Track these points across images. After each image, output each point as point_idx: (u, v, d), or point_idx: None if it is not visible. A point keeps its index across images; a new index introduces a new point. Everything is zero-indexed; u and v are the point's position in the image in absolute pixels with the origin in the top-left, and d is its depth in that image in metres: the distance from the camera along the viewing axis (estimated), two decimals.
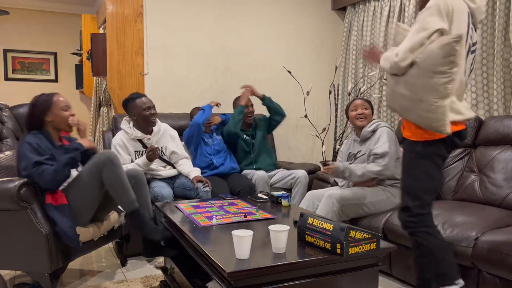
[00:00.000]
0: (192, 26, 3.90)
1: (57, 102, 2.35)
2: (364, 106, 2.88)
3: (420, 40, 1.78)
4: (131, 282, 2.52)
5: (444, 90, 1.75)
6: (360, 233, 1.68)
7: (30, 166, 2.19)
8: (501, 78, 2.91)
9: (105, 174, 2.30)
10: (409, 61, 1.80)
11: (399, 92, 1.89)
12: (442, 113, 1.77)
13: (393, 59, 1.84)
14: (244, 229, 1.64)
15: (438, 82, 1.75)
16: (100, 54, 3.77)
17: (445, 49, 1.72)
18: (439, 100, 1.76)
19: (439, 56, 1.73)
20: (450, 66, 1.73)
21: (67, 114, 2.37)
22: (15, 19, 5.56)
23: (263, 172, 3.30)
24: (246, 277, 1.49)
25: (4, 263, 2.27)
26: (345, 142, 3.07)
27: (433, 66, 1.75)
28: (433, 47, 1.75)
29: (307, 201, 2.82)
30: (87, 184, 2.32)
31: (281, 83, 4.27)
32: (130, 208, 2.38)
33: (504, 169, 2.57)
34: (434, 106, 1.77)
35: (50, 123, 2.36)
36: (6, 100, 3.20)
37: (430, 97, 1.77)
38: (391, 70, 1.89)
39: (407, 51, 1.80)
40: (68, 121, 2.37)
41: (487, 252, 2.01)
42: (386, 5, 3.84)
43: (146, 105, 3.00)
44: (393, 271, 2.57)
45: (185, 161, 3.19)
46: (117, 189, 2.34)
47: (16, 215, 2.17)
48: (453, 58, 1.72)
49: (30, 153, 2.21)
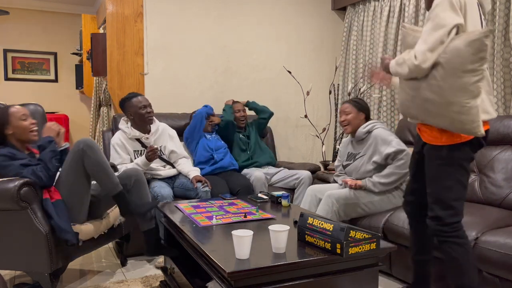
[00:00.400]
0: (192, 26, 3.90)
1: (14, 113, 2.31)
2: (346, 112, 2.84)
3: (439, 38, 1.67)
4: (131, 282, 2.53)
5: (476, 89, 1.65)
6: (360, 233, 1.68)
7: (19, 170, 2.19)
8: (501, 78, 2.91)
9: (86, 161, 2.29)
10: (431, 62, 1.69)
11: (421, 97, 1.76)
12: (475, 114, 1.67)
13: (412, 62, 1.72)
14: (244, 229, 1.64)
15: (469, 81, 1.64)
16: (100, 54, 3.77)
17: (475, 45, 1.61)
18: (471, 101, 1.66)
19: (468, 53, 1.62)
20: (480, 63, 1.63)
21: (26, 123, 2.33)
22: (15, 19, 5.56)
23: (260, 173, 3.30)
24: (246, 277, 1.49)
25: (4, 263, 2.27)
26: (343, 141, 3.07)
27: (462, 64, 1.64)
28: (458, 45, 1.64)
29: (309, 196, 2.83)
30: (73, 177, 2.31)
31: (281, 83, 4.27)
32: (114, 191, 2.38)
33: (504, 169, 2.57)
34: (467, 107, 1.66)
35: (12, 136, 2.32)
36: (6, 100, 3.19)
37: (461, 98, 1.66)
38: (411, 74, 1.76)
39: (427, 52, 1.69)
40: (29, 131, 2.33)
41: (487, 252, 2.01)
42: (386, 5, 3.84)
43: (142, 104, 3.01)
44: (393, 271, 2.57)
45: (184, 161, 3.19)
46: (99, 174, 2.33)
47: (16, 215, 2.17)
48: (484, 54, 1.62)
49: (10, 161, 2.20)
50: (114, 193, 2.38)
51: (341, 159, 3.01)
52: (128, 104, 3.03)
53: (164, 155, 3.16)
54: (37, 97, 5.36)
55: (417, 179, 2.06)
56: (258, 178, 3.25)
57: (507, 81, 2.92)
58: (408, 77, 1.81)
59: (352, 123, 2.83)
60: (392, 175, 2.64)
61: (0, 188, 2.12)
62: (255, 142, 3.69)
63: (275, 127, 4.24)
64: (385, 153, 2.66)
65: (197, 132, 3.36)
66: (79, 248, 2.34)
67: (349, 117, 2.82)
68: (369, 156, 2.75)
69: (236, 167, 3.50)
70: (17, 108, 2.34)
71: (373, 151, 2.73)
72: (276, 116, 4.28)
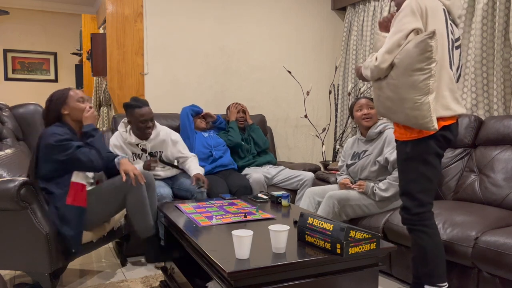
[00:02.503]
0: (192, 26, 3.90)
1: (72, 95, 2.42)
2: (369, 106, 2.84)
3: (397, 41, 1.82)
4: (131, 282, 2.52)
5: (425, 87, 1.79)
6: (360, 233, 1.68)
7: (72, 149, 2.26)
8: (501, 78, 2.91)
9: (129, 197, 2.37)
10: (388, 63, 1.84)
11: (384, 95, 1.92)
12: (427, 110, 1.80)
13: (373, 63, 1.88)
14: (244, 229, 1.64)
15: (418, 79, 1.78)
16: (100, 54, 3.77)
17: (421, 46, 1.75)
18: (422, 97, 1.79)
19: (416, 53, 1.76)
20: (427, 62, 1.76)
21: (83, 106, 2.43)
22: (15, 19, 5.56)
23: (260, 175, 3.30)
24: (246, 277, 1.49)
25: (4, 263, 2.27)
26: (348, 141, 3.05)
27: (411, 64, 1.78)
28: (408, 46, 1.79)
29: (307, 198, 2.83)
30: (108, 200, 2.39)
31: (281, 83, 4.27)
32: (146, 234, 2.42)
33: (504, 169, 2.57)
34: (418, 103, 1.80)
35: (68, 116, 2.41)
36: (6, 100, 3.20)
37: (413, 95, 1.81)
38: (373, 75, 1.92)
39: (385, 54, 1.84)
40: (85, 112, 2.42)
41: (487, 252, 2.01)
42: (386, 5, 3.84)
43: (144, 118, 2.93)
44: (393, 271, 2.57)
45: (192, 159, 3.16)
46: (136, 215, 2.39)
47: (16, 215, 2.17)
48: (429, 54, 1.75)
49: (66, 139, 2.27)
50: (146, 235, 2.42)
51: (345, 160, 3.01)
52: (130, 112, 2.97)
53: (163, 158, 3.14)
54: (37, 97, 5.34)
55: None
56: (257, 181, 3.25)
57: (507, 81, 2.92)
58: (373, 79, 1.95)
59: (373, 118, 2.85)
60: (390, 188, 2.64)
61: (0, 188, 2.12)
62: (253, 147, 3.69)
63: (275, 127, 4.24)
64: (387, 158, 2.67)
65: (188, 130, 3.37)
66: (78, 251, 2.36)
67: (373, 112, 2.84)
68: (375, 155, 2.75)
69: (235, 166, 3.51)
70: (76, 91, 2.46)
71: (380, 151, 2.74)
72: (276, 116, 4.29)
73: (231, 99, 4.00)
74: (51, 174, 2.28)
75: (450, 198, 2.80)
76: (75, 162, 2.28)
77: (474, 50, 3.01)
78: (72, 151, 2.26)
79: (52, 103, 2.39)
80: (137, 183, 2.37)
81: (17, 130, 2.83)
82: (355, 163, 2.86)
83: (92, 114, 2.44)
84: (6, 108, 2.89)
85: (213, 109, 3.79)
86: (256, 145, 3.70)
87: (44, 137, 2.29)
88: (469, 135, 2.84)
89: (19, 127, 2.85)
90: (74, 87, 5.77)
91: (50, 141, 2.24)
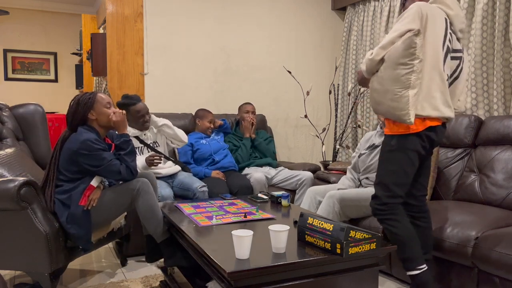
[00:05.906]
0: (192, 26, 3.90)
1: (100, 99, 2.37)
2: None
3: (391, 39, 1.93)
4: (131, 282, 2.52)
5: (407, 81, 1.88)
6: (360, 233, 1.68)
7: (105, 161, 2.25)
8: (501, 78, 2.91)
9: (139, 202, 2.34)
10: (380, 56, 1.95)
11: (373, 88, 2.03)
12: (405, 103, 1.89)
13: (368, 57, 2.00)
14: (244, 229, 1.64)
15: (400, 73, 1.88)
16: (100, 54, 3.77)
17: (406, 42, 1.86)
18: (402, 90, 1.89)
19: (401, 49, 1.87)
20: (410, 58, 1.86)
21: (110, 111, 2.39)
22: (15, 19, 5.57)
23: (261, 174, 3.30)
24: (246, 277, 1.49)
25: (4, 263, 2.27)
26: (366, 134, 3.05)
27: (396, 58, 1.89)
28: (397, 43, 1.91)
29: (309, 197, 2.84)
30: (116, 204, 2.37)
31: (281, 83, 4.27)
32: (161, 238, 2.39)
33: (504, 169, 2.57)
34: (398, 95, 1.90)
35: (94, 121, 2.37)
36: (6, 100, 3.20)
37: (394, 87, 1.91)
38: (367, 69, 2.03)
39: (379, 49, 1.96)
40: (113, 116, 2.39)
41: (487, 252, 2.01)
42: (386, 5, 3.84)
43: (140, 113, 3.02)
44: (393, 271, 2.57)
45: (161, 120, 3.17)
46: (148, 220, 2.36)
47: (16, 215, 2.17)
48: (413, 50, 1.85)
49: (98, 149, 2.25)
50: (162, 239, 2.39)
51: (358, 151, 3.00)
52: (126, 110, 2.98)
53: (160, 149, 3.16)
54: (37, 97, 5.36)
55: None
56: (258, 180, 3.25)
57: (507, 81, 2.92)
58: (368, 73, 2.05)
59: None
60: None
61: (0, 188, 2.12)
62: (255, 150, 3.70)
63: (275, 127, 4.24)
64: None
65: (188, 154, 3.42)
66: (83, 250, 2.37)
67: None
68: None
69: (236, 168, 3.51)
70: (103, 96, 2.40)
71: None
72: (276, 116, 4.29)
73: (231, 99, 4.00)
74: (74, 175, 2.27)
75: (450, 198, 2.80)
76: (102, 172, 2.29)
77: (474, 50, 3.01)
78: (105, 163, 2.25)
79: (79, 107, 2.33)
80: (144, 187, 2.35)
81: (17, 130, 2.83)
82: (366, 153, 2.86)
83: (123, 119, 2.40)
84: (6, 108, 2.89)
85: (213, 109, 3.79)
86: (261, 154, 3.70)
87: (73, 141, 2.25)
88: (469, 135, 2.84)
89: (19, 127, 2.85)
90: (74, 87, 5.80)
91: (82, 149, 2.22)
